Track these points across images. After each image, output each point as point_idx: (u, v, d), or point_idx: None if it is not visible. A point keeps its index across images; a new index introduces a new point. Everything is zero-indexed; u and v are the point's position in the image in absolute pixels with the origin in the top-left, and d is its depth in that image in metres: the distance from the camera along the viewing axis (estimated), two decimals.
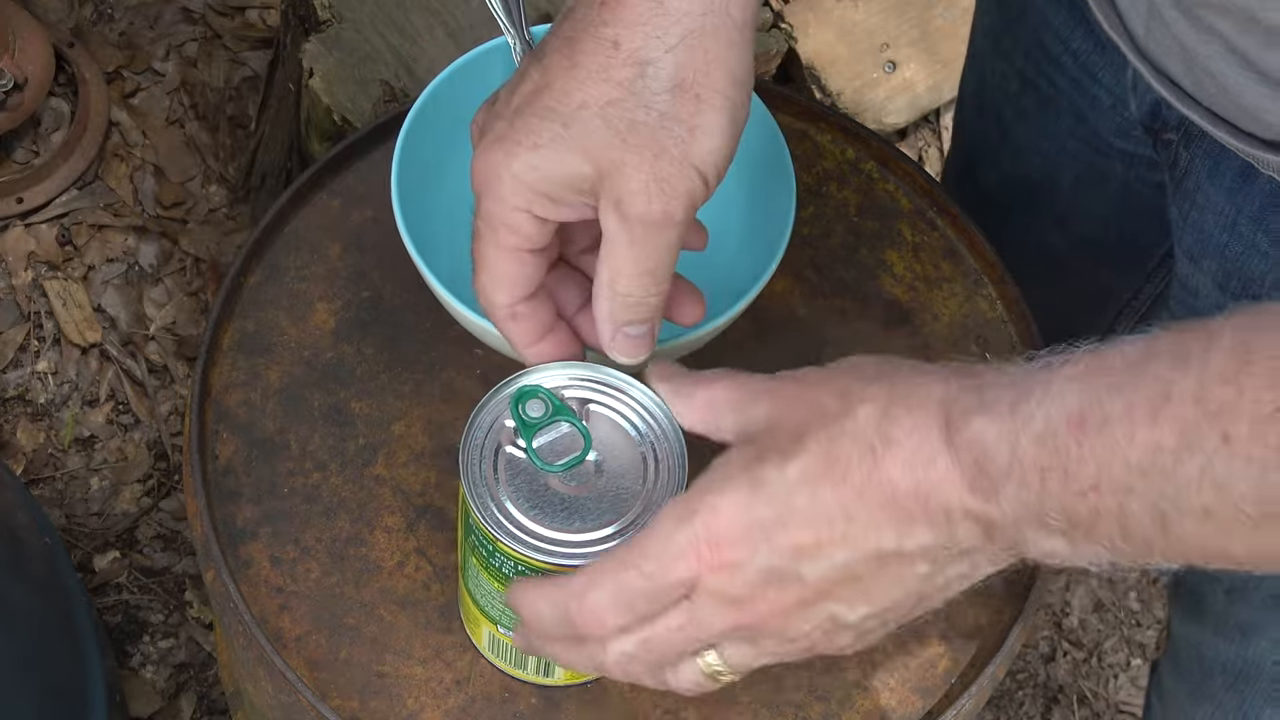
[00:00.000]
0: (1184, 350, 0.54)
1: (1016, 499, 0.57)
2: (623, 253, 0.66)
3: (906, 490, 0.59)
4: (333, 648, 0.79)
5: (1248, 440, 0.52)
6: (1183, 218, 0.86)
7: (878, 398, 0.61)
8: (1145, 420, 0.54)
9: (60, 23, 1.80)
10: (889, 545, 0.60)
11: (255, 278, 0.89)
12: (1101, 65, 0.89)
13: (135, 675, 1.53)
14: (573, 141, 0.65)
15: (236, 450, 0.84)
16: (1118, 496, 0.55)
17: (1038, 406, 0.57)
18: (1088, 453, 0.55)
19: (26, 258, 1.69)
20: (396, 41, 1.38)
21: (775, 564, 0.61)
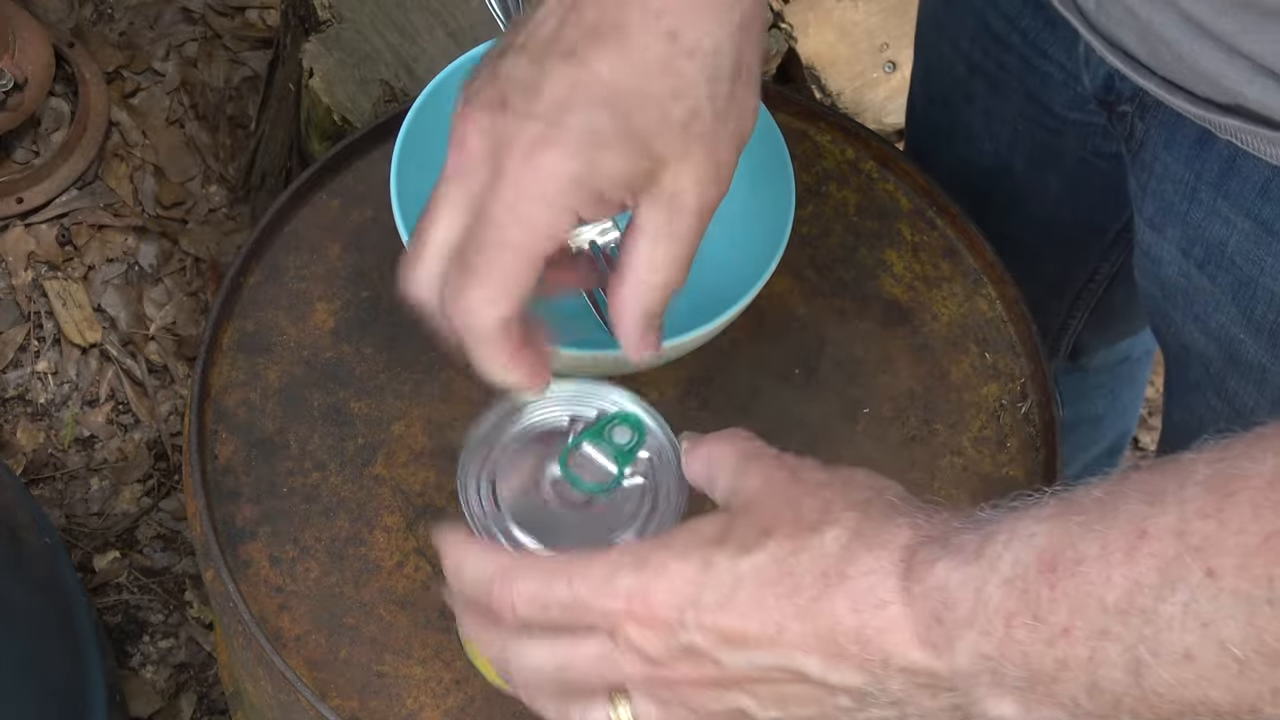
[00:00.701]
0: (1157, 487, 0.52)
1: (975, 650, 0.55)
2: (666, 243, 0.65)
3: (847, 628, 0.58)
4: (332, 647, 0.79)
5: (1234, 574, 0.49)
6: (1142, 188, 0.86)
7: (847, 526, 0.60)
8: (1122, 559, 0.51)
9: (60, 23, 1.80)
10: (813, 672, 0.59)
11: (255, 277, 0.89)
12: (1051, 41, 0.90)
13: (135, 675, 1.53)
14: (637, 138, 0.63)
15: (236, 450, 0.84)
16: (1091, 642, 0.52)
17: (1005, 548, 0.55)
18: (1060, 595, 0.53)
19: (26, 258, 1.69)
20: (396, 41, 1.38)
21: (697, 642, 0.61)
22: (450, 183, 0.64)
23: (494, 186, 0.62)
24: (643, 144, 0.63)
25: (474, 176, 0.63)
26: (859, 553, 0.59)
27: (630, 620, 0.62)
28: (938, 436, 0.88)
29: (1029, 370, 0.90)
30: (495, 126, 0.63)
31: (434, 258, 0.65)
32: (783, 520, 0.61)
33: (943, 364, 0.90)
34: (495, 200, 0.62)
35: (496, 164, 0.62)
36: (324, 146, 1.39)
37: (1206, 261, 0.83)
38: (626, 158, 0.63)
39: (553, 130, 0.62)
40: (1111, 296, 1.10)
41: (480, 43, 0.86)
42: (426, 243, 0.65)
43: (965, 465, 0.87)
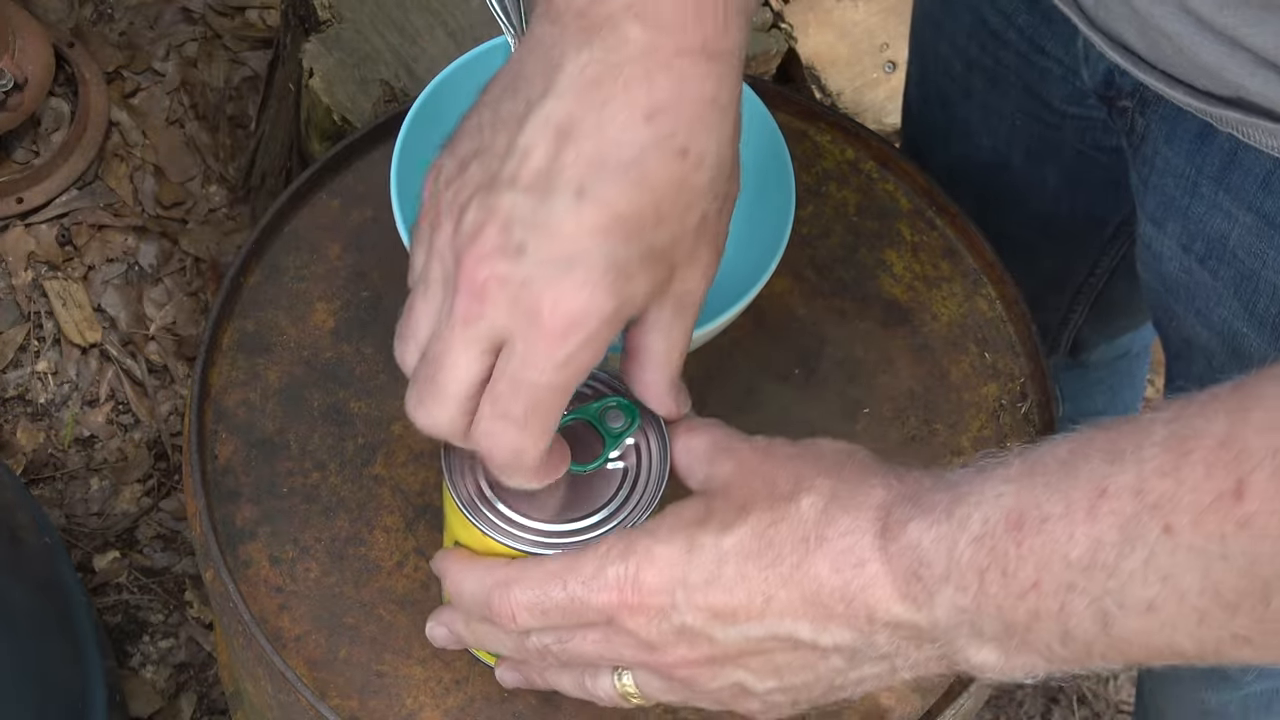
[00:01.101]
0: (1116, 447, 0.54)
1: (952, 604, 0.57)
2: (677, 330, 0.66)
3: (832, 588, 0.60)
4: (332, 647, 0.79)
5: (1190, 530, 0.52)
6: (1143, 182, 0.86)
7: (822, 492, 0.62)
8: (1084, 517, 0.54)
9: (60, 23, 1.80)
10: (804, 636, 0.61)
11: (255, 277, 0.89)
12: (1048, 37, 0.90)
13: (135, 675, 1.53)
14: (656, 257, 0.62)
15: (236, 450, 0.84)
16: (1059, 596, 0.55)
17: (974, 508, 0.57)
18: (1027, 552, 0.55)
19: (26, 258, 1.69)
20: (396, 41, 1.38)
21: (689, 622, 0.63)
22: (466, 326, 0.61)
23: (528, 335, 0.61)
24: (660, 259, 0.63)
25: (495, 320, 0.61)
26: (836, 515, 0.61)
27: (623, 609, 0.64)
28: (938, 436, 0.88)
29: (1029, 370, 0.90)
30: (516, 274, 0.60)
31: (457, 399, 0.63)
32: (759, 495, 0.63)
33: (942, 364, 0.90)
34: (531, 349, 0.61)
35: (524, 311, 0.60)
36: (324, 146, 1.39)
37: (1208, 256, 0.83)
38: (650, 278, 0.63)
39: (578, 273, 0.60)
40: (1112, 291, 1.10)
41: (480, 43, 0.86)
42: (446, 387, 0.63)
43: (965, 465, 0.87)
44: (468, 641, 0.73)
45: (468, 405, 0.63)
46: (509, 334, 0.61)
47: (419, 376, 0.64)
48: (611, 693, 0.68)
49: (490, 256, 0.61)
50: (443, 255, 0.63)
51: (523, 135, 0.61)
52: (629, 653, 0.65)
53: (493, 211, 0.61)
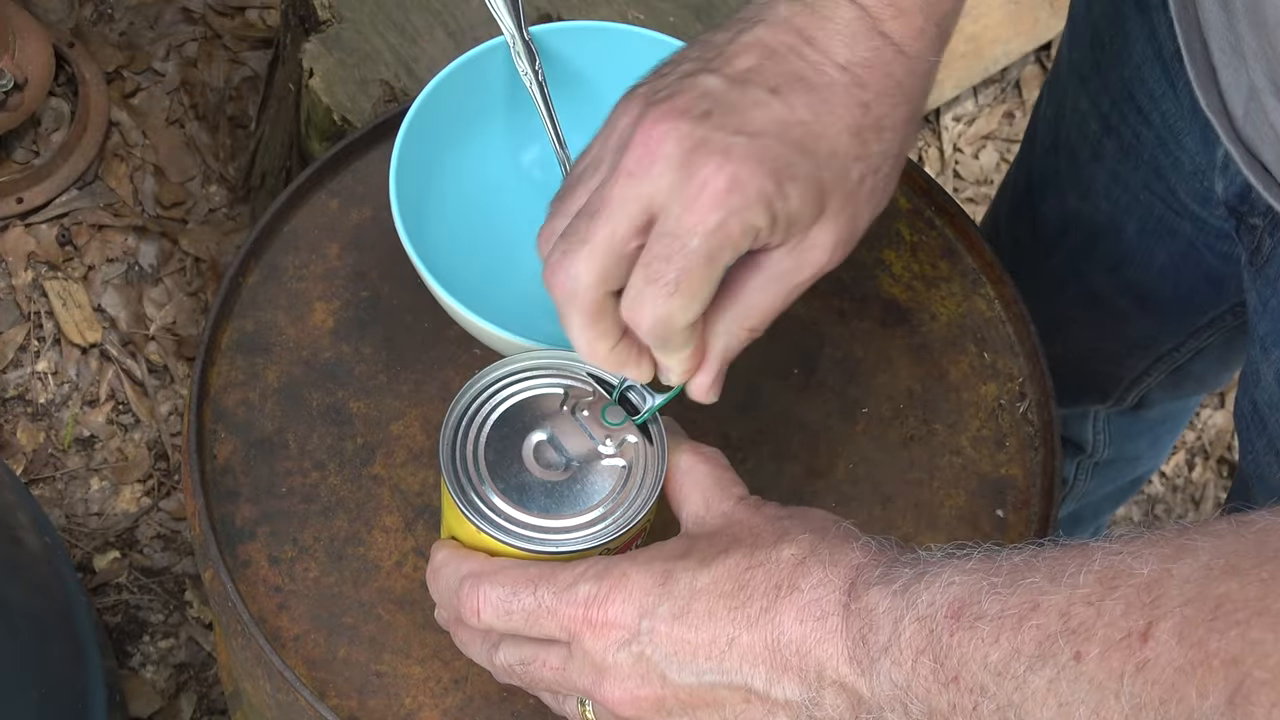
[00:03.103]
0: (1060, 567, 0.56)
1: (889, 677, 0.59)
2: (777, 287, 0.66)
3: (790, 639, 0.61)
4: (331, 647, 0.79)
5: (1096, 661, 0.53)
6: (1262, 304, 0.85)
7: (804, 544, 0.63)
8: (1012, 625, 0.55)
9: (60, 23, 1.80)
10: (758, 685, 0.62)
11: (254, 277, 0.89)
12: (1187, 132, 0.89)
13: (135, 675, 1.53)
14: (819, 185, 0.64)
15: (235, 450, 0.84)
16: (974, 695, 0.56)
17: (925, 589, 0.58)
18: (955, 644, 0.57)
19: (26, 258, 1.69)
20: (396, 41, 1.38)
21: (648, 653, 0.63)
22: (631, 180, 0.62)
23: (686, 195, 0.61)
24: (819, 192, 0.64)
25: (660, 178, 0.62)
26: (812, 567, 0.62)
27: (586, 627, 0.64)
28: (936, 436, 0.88)
29: (1027, 370, 0.90)
30: (695, 133, 0.62)
31: (607, 253, 0.63)
32: (742, 541, 0.64)
33: (941, 364, 0.90)
34: (688, 210, 0.61)
35: (690, 168, 0.62)
36: (324, 146, 1.39)
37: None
38: (807, 196, 0.64)
39: (753, 147, 0.62)
40: (1192, 366, 1.09)
41: (480, 43, 0.86)
42: (598, 239, 0.63)
43: (964, 465, 0.87)
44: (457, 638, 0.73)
45: (613, 264, 0.63)
46: (669, 199, 0.62)
47: (569, 231, 0.64)
48: (575, 715, 0.68)
49: (674, 115, 0.62)
50: (623, 133, 0.64)
51: (733, 45, 0.66)
52: (583, 681, 0.65)
53: (690, 86, 0.64)
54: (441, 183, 0.86)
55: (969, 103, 1.92)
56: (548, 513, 0.69)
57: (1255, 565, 0.51)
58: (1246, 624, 0.50)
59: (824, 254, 0.66)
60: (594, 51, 0.87)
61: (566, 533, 0.69)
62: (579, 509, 0.69)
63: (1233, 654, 0.50)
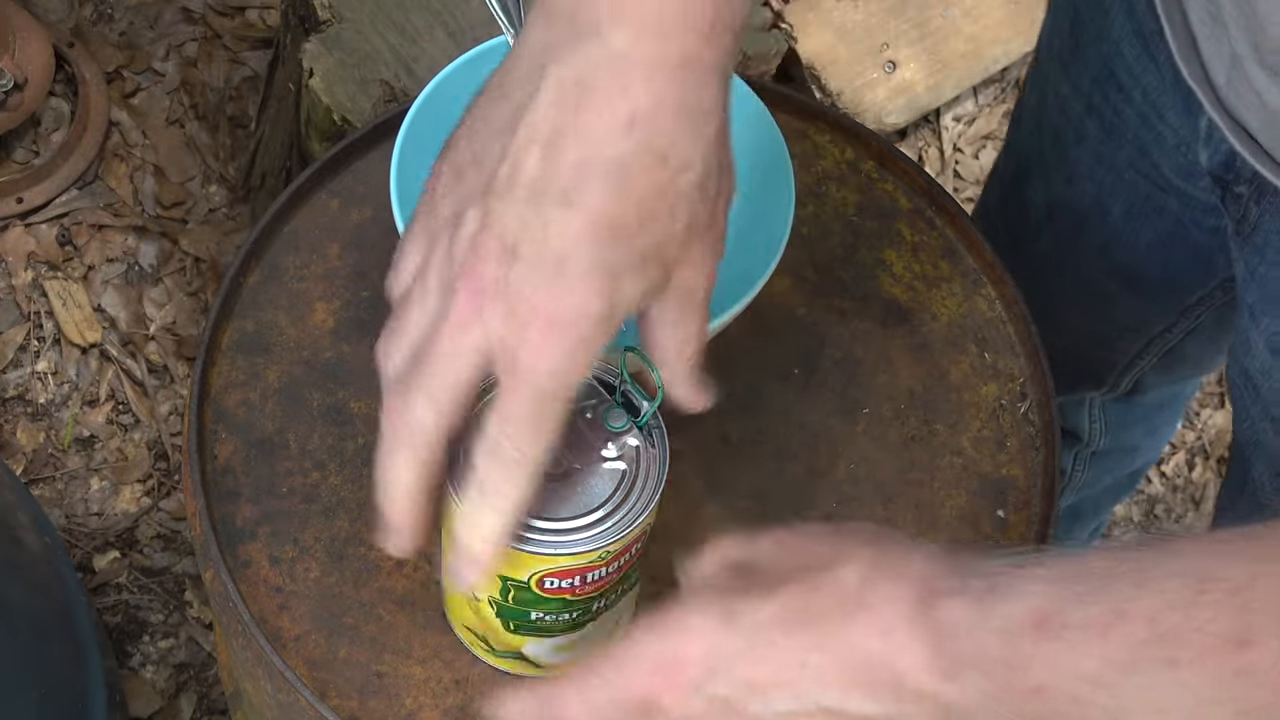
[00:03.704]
0: (1144, 573, 0.56)
1: (978, 688, 0.58)
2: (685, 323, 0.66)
3: (869, 656, 0.60)
4: (331, 647, 0.79)
5: (1191, 668, 0.53)
6: (1250, 272, 0.85)
7: (864, 561, 0.62)
8: (1099, 634, 0.55)
9: (60, 23, 1.80)
10: (836, 704, 0.61)
11: (254, 277, 0.89)
12: (1169, 105, 0.89)
13: (135, 675, 1.53)
14: (645, 258, 0.63)
15: (235, 450, 0.84)
16: (1065, 704, 0.56)
17: (1003, 600, 0.58)
18: (1042, 655, 0.56)
19: (26, 258, 1.69)
20: (396, 41, 1.38)
21: (727, 694, 0.62)
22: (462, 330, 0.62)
23: (522, 342, 0.61)
24: (653, 261, 0.63)
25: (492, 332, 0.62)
26: (878, 582, 0.61)
27: (664, 689, 0.63)
28: (937, 436, 0.88)
29: (1028, 370, 0.90)
30: (509, 278, 0.61)
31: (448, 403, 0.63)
32: (796, 567, 0.63)
33: (942, 364, 0.90)
34: (526, 356, 0.61)
35: (518, 319, 0.61)
36: (324, 146, 1.39)
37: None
38: (640, 280, 0.63)
39: (568, 277, 0.61)
40: (1184, 347, 1.09)
41: (480, 43, 0.86)
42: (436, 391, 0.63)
43: (965, 465, 0.87)
44: None
45: (453, 410, 0.63)
46: (504, 342, 0.61)
47: (408, 378, 0.64)
48: None
49: (487, 262, 0.61)
50: (440, 262, 0.64)
51: (514, 143, 0.62)
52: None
53: (489, 218, 0.62)
54: None
55: (969, 103, 1.92)
56: (548, 515, 0.69)
57: None
58: None
59: (699, 281, 0.65)
60: None
61: (567, 534, 0.68)
62: (580, 511, 0.69)
63: None
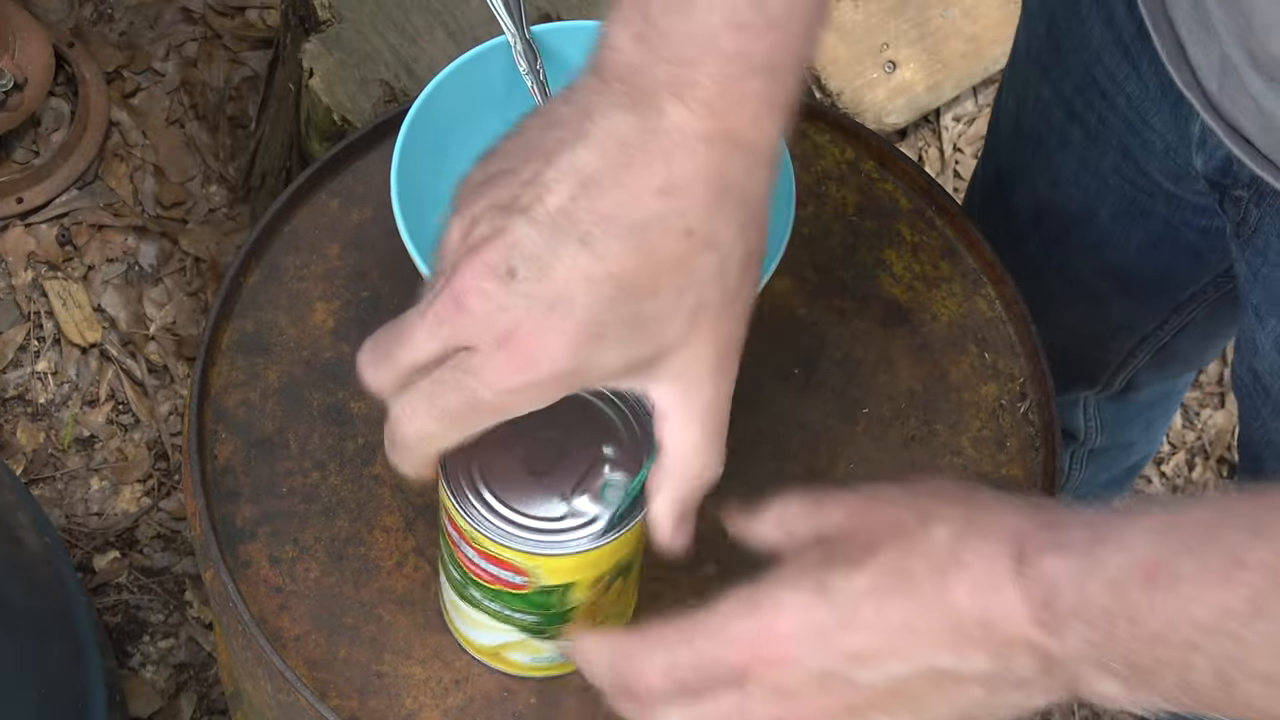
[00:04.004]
0: (1260, 522, 0.56)
1: (1081, 638, 0.58)
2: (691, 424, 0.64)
3: (971, 615, 0.60)
4: (331, 647, 0.79)
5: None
6: (1253, 274, 0.85)
7: (954, 520, 0.62)
8: (1217, 582, 0.55)
9: (60, 23, 1.80)
10: (946, 665, 0.61)
11: (254, 277, 0.89)
12: (1154, 112, 0.88)
13: (135, 675, 1.53)
14: (641, 330, 0.62)
15: (235, 450, 0.84)
16: (1182, 651, 0.56)
17: (1112, 552, 0.58)
18: (1156, 604, 0.56)
19: (26, 258, 1.69)
20: (396, 41, 1.38)
21: (829, 667, 0.62)
22: (436, 323, 0.62)
23: (487, 353, 0.62)
24: (645, 335, 0.62)
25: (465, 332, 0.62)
26: (972, 541, 0.61)
27: (758, 663, 0.62)
28: (937, 436, 0.88)
29: (1028, 370, 0.90)
30: (499, 296, 0.61)
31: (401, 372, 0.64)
32: (883, 532, 0.63)
33: (942, 364, 0.90)
34: (485, 367, 0.62)
35: (494, 336, 0.61)
36: (324, 146, 1.39)
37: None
38: (625, 350, 0.62)
39: (554, 318, 0.61)
40: (1176, 344, 1.09)
41: (480, 43, 0.86)
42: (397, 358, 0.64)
43: (965, 465, 0.87)
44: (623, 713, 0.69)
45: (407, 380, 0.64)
46: (472, 343, 0.62)
47: (380, 338, 0.65)
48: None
49: (482, 272, 0.61)
50: (443, 256, 0.64)
51: (550, 170, 0.62)
52: (768, 711, 0.63)
53: (500, 232, 0.62)
54: (442, 182, 0.85)
55: (969, 103, 1.92)
56: (543, 513, 0.69)
57: None
58: None
59: (703, 376, 0.64)
60: None
61: (563, 533, 0.69)
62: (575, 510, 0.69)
63: None
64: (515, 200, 0.62)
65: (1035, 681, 0.61)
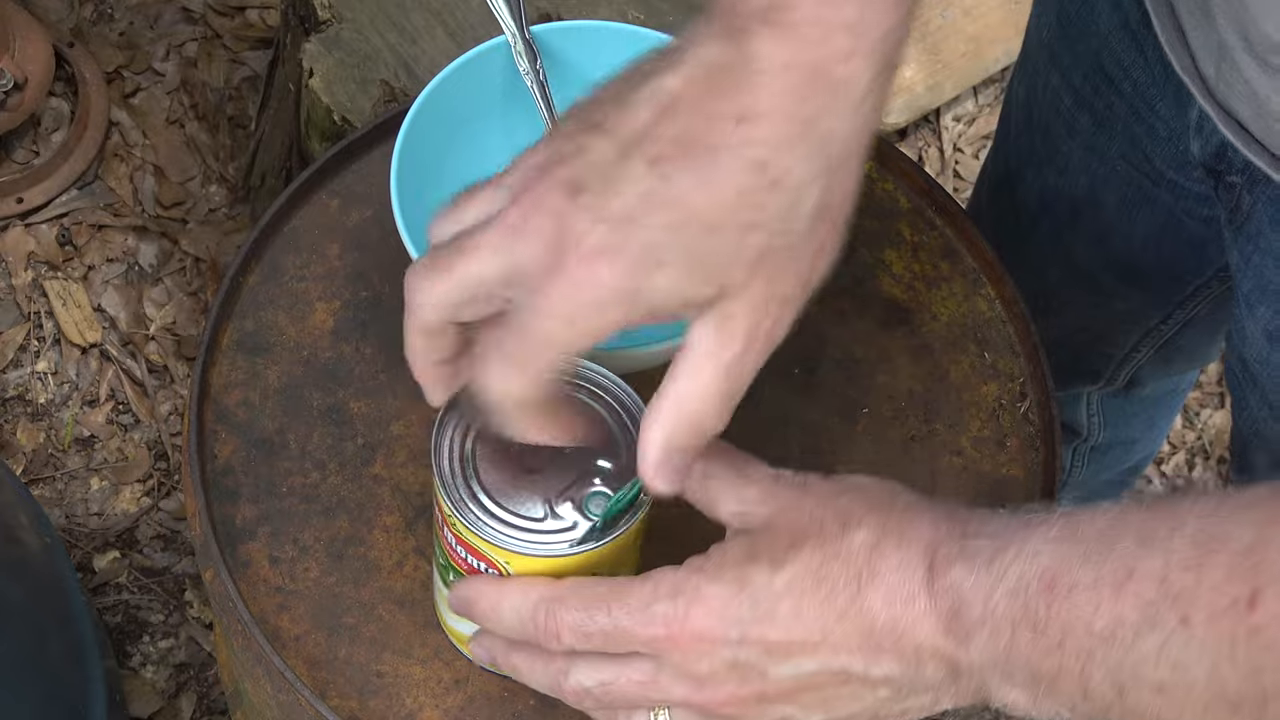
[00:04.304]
0: (1150, 531, 0.57)
1: (987, 648, 0.60)
2: (709, 368, 0.62)
3: (883, 623, 0.62)
4: (331, 647, 0.79)
5: (1204, 627, 0.54)
6: (1244, 261, 0.85)
7: (872, 527, 0.63)
8: (1111, 593, 0.57)
9: (60, 23, 1.80)
10: (856, 669, 0.63)
11: (254, 277, 0.89)
12: (1159, 97, 0.89)
13: (135, 675, 1.53)
14: (700, 265, 0.60)
15: (235, 450, 0.84)
16: (1080, 660, 0.58)
17: (1012, 562, 0.59)
18: (1055, 614, 0.58)
19: (26, 258, 1.69)
20: (396, 41, 1.38)
21: (743, 658, 0.63)
22: (507, 234, 0.61)
23: (546, 278, 0.60)
24: (704, 271, 0.61)
25: (528, 250, 0.61)
26: (888, 550, 0.62)
27: (672, 645, 0.64)
28: (937, 436, 0.88)
29: (1028, 370, 0.90)
30: (562, 214, 0.60)
31: (463, 288, 0.63)
32: (807, 533, 0.64)
33: (942, 364, 0.90)
34: (543, 295, 0.60)
35: (555, 254, 0.60)
36: (324, 146, 1.39)
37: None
38: (683, 282, 0.60)
39: (615, 239, 0.60)
40: (1180, 339, 1.09)
41: (480, 43, 0.86)
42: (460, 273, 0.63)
43: (965, 465, 0.87)
44: (505, 668, 0.71)
45: (466, 301, 0.63)
46: (527, 273, 0.61)
47: (441, 253, 0.64)
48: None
49: (557, 186, 0.61)
50: (526, 168, 0.63)
51: (635, 94, 0.61)
52: (679, 690, 0.65)
53: (581, 150, 0.61)
54: (442, 182, 0.86)
55: (969, 103, 1.92)
56: (524, 512, 0.69)
57: None
58: None
59: (744, 323, 0.62)
60: (594, 51, 0.87)
61: (539, 534, 0.69)
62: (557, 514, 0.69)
63: None
64: (601, 120, 0.61)
65: (943, 687, 0.62)
